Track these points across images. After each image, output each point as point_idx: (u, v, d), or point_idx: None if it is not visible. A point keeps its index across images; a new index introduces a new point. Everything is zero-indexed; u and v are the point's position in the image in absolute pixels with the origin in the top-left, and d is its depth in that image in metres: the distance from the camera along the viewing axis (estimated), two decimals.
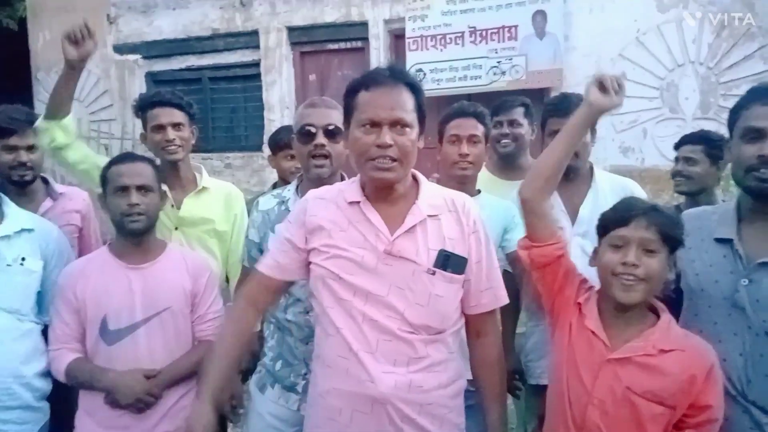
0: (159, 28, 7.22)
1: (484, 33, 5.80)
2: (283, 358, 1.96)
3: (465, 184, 2.21)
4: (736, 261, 1.50)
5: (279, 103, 6.75)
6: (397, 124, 1.43)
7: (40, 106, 7.49)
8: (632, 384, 1.40)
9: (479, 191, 2.27)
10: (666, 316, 1.47)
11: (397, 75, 1.48)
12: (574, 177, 2.16)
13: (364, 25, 6.36)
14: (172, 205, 2.25)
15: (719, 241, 1.55)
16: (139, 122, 2.34)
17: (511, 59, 5.71)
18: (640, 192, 2.20)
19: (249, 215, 2.15)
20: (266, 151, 6.62)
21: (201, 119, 2.53)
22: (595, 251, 1.53)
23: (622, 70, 5.47)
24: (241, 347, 1.64)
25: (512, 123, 2.62)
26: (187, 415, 1.62)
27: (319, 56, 6.71)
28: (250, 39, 6.87)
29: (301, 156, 1.98)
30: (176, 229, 2.26)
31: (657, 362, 1.40)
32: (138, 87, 7.37)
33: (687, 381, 1.37)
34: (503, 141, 2.62)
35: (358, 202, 1.51)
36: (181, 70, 7.24)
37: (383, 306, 1.44)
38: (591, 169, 2.24)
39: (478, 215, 1.56)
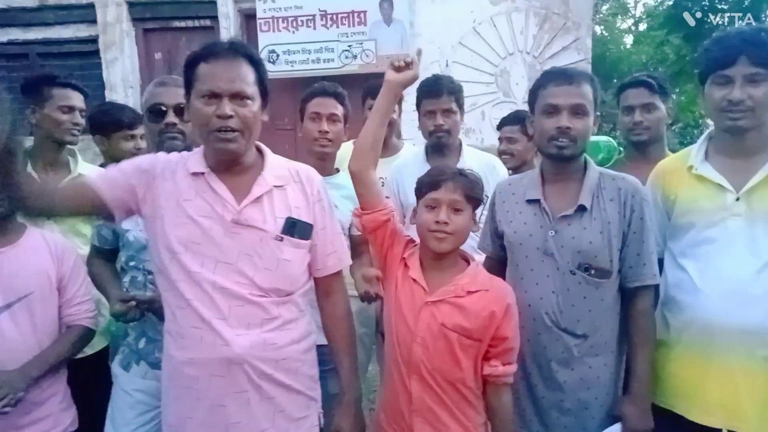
0: None
1: (334, 17, 5.93)
2: (147, 336, 1.96)
3: (325, 161, 2.35)
4: (543, 217, 1.80)
5: (122, 82, 6.35)
6: (238, 96, 1.48)
7: None
8: (445, 321, 1.64)
9: (338, 170, 2.42)
10: (474, 264, 1.75)
11: (237, 48, 1.52)
12: (446, 152, 2.43)
13: (212, 3, 6.18)
14: None
15: (529, 201, 1.84)
16: None
17: (361, 44, 5.92)
18: (501, 167, 2.54)
19: None
20: None
21: None
22: (415, 211, 1.76)
23: (461, 56, 5.94)
24: None
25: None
26: None
27: (165, 34, 6.40)
28: (85, 12, 6.34)
29: (152, 134, 1.99)
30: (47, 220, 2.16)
31: (464, 302, 1.65)
32: None
33: (488, 317, 1.64)
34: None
35: (203, 173, 1.54)
36: (3, 44, 6.50)
37: (233, 272, 1.50)
38: (460, 145, 2.51)
39: (321, 185, 1.70)
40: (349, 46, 5.93)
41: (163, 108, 1.94)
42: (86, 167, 2.38)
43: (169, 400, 1.59)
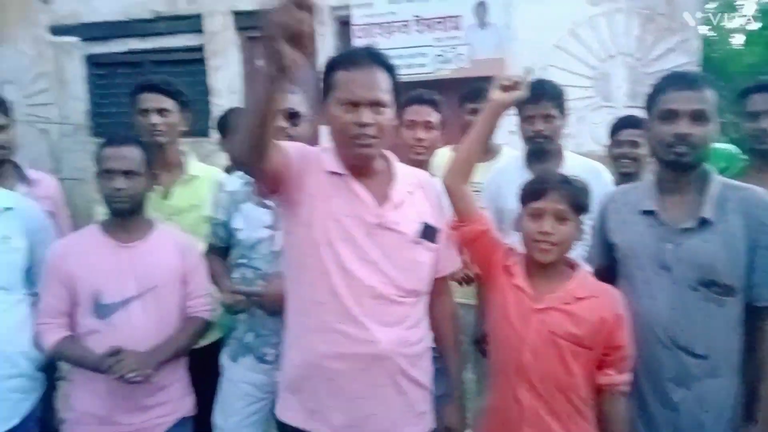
0: (97, 9, 6.97)
1: (428, 22, 5.96)
2: (255, 330, 2.06)
3: (420, 168, 2.37)
4: (660, 228, 1.72)
5: (226, 89, 6.69)
6: (376, 104, 1.52)
7: None
8: (555, 328, 1.61)
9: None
10: (581, 270, 1.71)
11: (375, 56, 1.57)
12: (546, 158, 2.37)
13: None
14: (161, 197, 2.29)
15: (645, 212, 1.77)
16: (77, 106, 2.36)
17: (455, 48, 5.90)
18: (606, 173, 2.45)
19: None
20: (213, 136, 6.61)
21: None
22: (519, 218, 1.73)
23: (558, 60, 5.78)
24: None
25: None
26: None
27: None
28: (193, 22, 6.73)
29: None
30: (167, 220, 2.30)
31: (573, 308, 1.62)
32: (76, 70, 7.13)
33: (598, 323, 1.60)
34: None
35: (340, 174, 1.60)
36: (121, 53, 7.03)
37: (377, 273, 1.55)
38: (561, 151, 2.44)
39: (439, 191, 1.75)
40: (443, 50, 5.93)
41: None
42: (200, 167, 2.50)
43: (305, 388, 1.63)
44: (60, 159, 6.94)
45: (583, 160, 2.51)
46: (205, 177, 2.46)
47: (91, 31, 7.06)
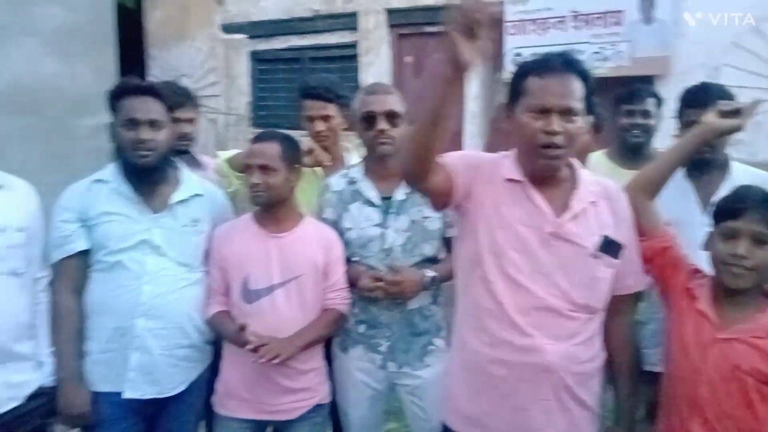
0: (264, 9, 7.53)
1: (587, 17, 5.66)
2: (368, 323, 2.08)
3: None
4: None
5: None
6: (567, 112, 1.46)
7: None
8: (740, 362, 1.44)
9: None
10: None
11: (569, 63, 1.50)
12: (708, 168, 2.14)
13: None
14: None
15: None
16: (242, 98, 2.48)
17: (614, 45, 5.55)
18: None
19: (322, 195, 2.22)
20: None
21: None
22: (710, 236, 1.56)
23: (734, 58, 5.20)
24: None
25: (645, 114, 2.57)
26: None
27: (416, 39, 6.77)
28: (349, 20, 7.04)
29: (365, 139, 2.09)
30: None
31: (765, 344, 1.42)
32: (242, 65, 7.75)
33: None
34: (635, 131, 2.57)
35: (519, 181, 1.56)
36: (282, 49, 7.53)
37: (549, 285, 1.50)
38: (726, 160, 2.19)
39: (627, 203, 1.63)
40: (601, 47, 5.60)
41: (375, 115, 2.02)
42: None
43: (468, 393, 1.63)
44: (224, 147, 7.61)
45: (753, 171, 2.20)
46: None
47: (256, 29, 7.65)
